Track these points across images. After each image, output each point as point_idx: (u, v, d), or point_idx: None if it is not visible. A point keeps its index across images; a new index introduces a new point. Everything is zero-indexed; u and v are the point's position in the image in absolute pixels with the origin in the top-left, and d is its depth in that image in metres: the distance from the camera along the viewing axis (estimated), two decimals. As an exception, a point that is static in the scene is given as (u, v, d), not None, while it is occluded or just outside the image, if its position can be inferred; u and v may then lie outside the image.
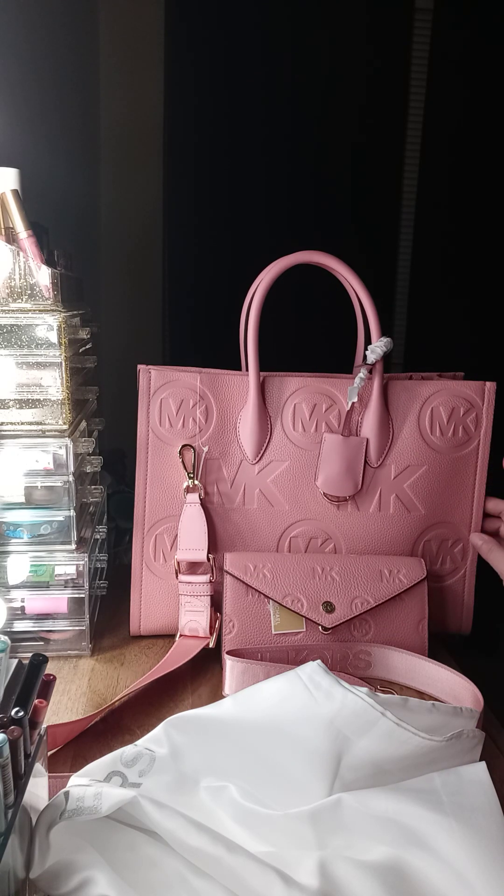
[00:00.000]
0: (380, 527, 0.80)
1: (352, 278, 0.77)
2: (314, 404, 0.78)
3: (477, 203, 2.19)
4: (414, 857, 0.47)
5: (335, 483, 0.78)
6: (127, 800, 0.47)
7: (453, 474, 0.80)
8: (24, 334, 0.72)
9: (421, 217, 2.23)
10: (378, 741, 0.53)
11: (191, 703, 0.70)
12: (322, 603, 0.73)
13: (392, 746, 0.53)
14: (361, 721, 0.53)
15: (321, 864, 0.46)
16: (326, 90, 2.09)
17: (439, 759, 0.55)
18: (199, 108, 2.00)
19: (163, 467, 0.78)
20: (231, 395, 0.78)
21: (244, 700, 0.56)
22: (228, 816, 0.51)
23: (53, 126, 1.50)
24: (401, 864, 0.47)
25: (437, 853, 0.47)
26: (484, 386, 0.80)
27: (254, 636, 0.73)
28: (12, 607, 0.75)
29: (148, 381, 0.77)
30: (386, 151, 2.19)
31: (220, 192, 2.05)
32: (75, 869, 0.45)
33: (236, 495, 0.79)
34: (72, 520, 0.76)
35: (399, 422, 0.79)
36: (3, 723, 0.42)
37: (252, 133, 2.05)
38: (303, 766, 0.53)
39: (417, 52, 2.13)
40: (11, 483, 0.74)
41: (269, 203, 2.06)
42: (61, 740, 0.62)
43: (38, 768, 0.46)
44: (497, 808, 0.51)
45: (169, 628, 0.80)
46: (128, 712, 0.68)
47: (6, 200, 0.74)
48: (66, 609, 0.76)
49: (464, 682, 0.69)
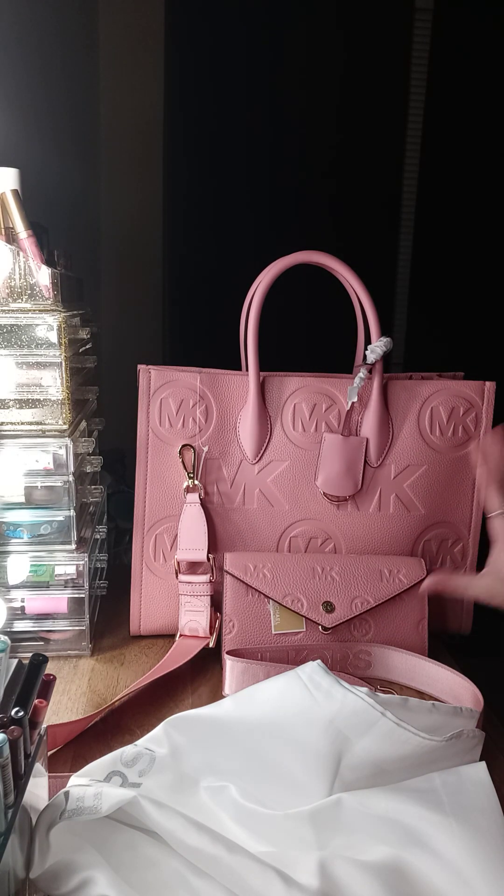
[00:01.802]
0: (380, 527, 0.80)
1: (352, 278, 0.77)
2: (314, 404, 0.78)
3: (477, 203, 2.19)
4: (414, 856, 0.47)
5: (335, 483, 0.78)
6: (127, 800, 0.47)
7: (453, 474, 0.80)
8: (24, 334, 0.72)
9: (421, 217, 2.23)
10: (378, 741, 0.53)
11: (191, 703, 0.70)
12: (322, 603, 0.73)
13: (392, 746, 0.53)
14: (361, 721, 0.53)
15: (321, 864, 0.46)
16: (326, 90, 2.09)
17: (439, 759, 0.55)
18: (200, 108, 2.00)
19: (163, 467, 0.78)
20: (231, 395, 0.78)
21: (244, 700, 0.56)
22: (228, 816, 0.51)
23: (53, 126, 1.50)
24: (401, 864, 0.47)
25: (437, 853, 0.47)
26: (484, 386, 0.80)
27: (254, 636, 0.73)
28: (12, 607, 0.75)
29: (148, 381, 0.77)
30: (386, 151, 2.19)
31: (220, 191, 2.05)
32: (75, 869, 0.45)
33: (236, 495, 0.79)
34: (72, 520, 0.76)
35: (399, 422, 0.79)
36: (3, 723, 0.42)
37: (252, 133, 2.04)
38: (303, 765, 0.53)
39: (417, 52, 2.13)
40: (11, 483, 0.74)
41: (269, 203, 2.06)
42: (61, 740, 0.62)
43: (38, 768, 0.46)
44: (497, 808, 0.51)
45: (169, 628, 0.80)
46: (128, 712, 0.68)
47: (6, 200, 0.74)
48: (66, 609, 0.76)
49: (464, 682, 0.69)
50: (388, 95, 2.15)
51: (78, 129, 1.79)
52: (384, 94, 2.14)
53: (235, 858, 0.45)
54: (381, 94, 2.13)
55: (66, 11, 1.65)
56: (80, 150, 1.82)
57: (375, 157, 2.17)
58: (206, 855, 0.45)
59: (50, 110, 1.48)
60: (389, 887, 0.45)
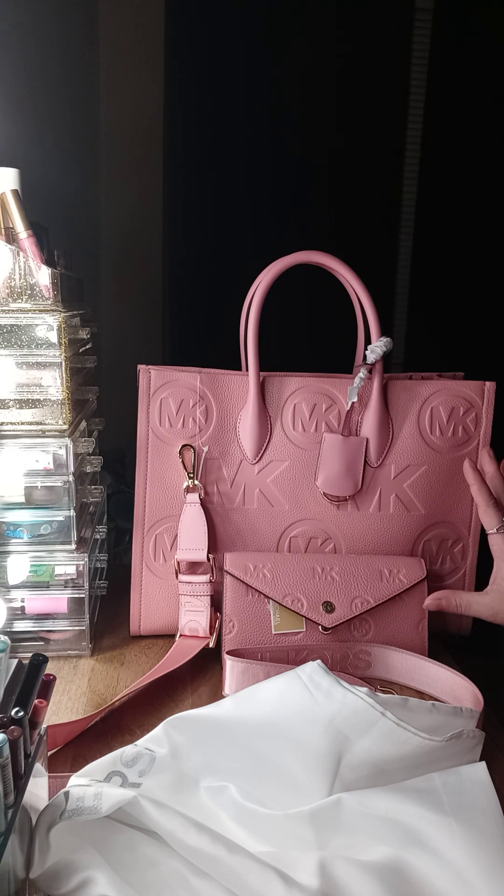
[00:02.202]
0: (380, 527, 0.80)
1: (352, 278, 0.77)
2: (314, 404, 0.78)
3: (477, 203, 2.19)
4: (414, 856, 0.47)
5: (335, 483, 0.78)
6: (127, 800, 0.47)
7: (453, 474, 0.80)
8: (24, 334, 0.72)
9: (421, 217, 2.23)
10: (378, 741, 0.53)
11: (191, 703, 0.70)
12: (322, 603, 0.73)
13: (392, 746, 0.53)
14: (361, 721, 0.53)
15: (321, 864, 0.46)
16: (326, 90, 2.09)
17: (439, 759, 0.55)
18: (199, 108, 2.00)
19: (163, 467, 0.78)
20: (231, 395, 0.78)
21: (244, 700, 0.56)
22: (228, 816, 0.51)
23: (53, 126, 1.50)
24: (401, 864, 0.47)
25: (437, 853, 0.47)
26: (484, 386, 0.80)
27: (254, 636, 0.73)
28: (12, 607, 0.75)
29: (148, 381, 0.77)
30: (386, 151, 2.19)
31: (220, 191, 2.05)
32: (75, 869, 0.45)
33: (236, 495, 0.79)
34: (72, 520, 0.76)
35: (399, 422, 0.79)
36: (3, 723, 0.42)
37: (252, 133, 2.05)
38: (303, 766, 0.53)
39: (417, 52, 2.13)
40: (11, 483, 0.74)
41: (269, 203, 2.06)
42: (61, 740, 0.62)
43: (38, 768, 0.46)
44: (497, 808, 0.51)
45: (169, 628, 0.80)
46: (128, 712, 0.68)
47: (6, 200, 0.74)
48: (66, 609, 0.76)
49: (464, 682, 0.69)
50: (388, 95, 2.15)
51: (78, 129, 1.79)
52: (384, 95, 2.14)
53: (235, 858, 0.45)
54: (381, 95, 2.13)
55: (66, 12, 1.65)
56: (80, 150, 1.82)
57: (375, 158, 2.17)
58: (206, 855, 0.45)
59: (50, 110, 1.48)
60: (390, 887, 0.45)
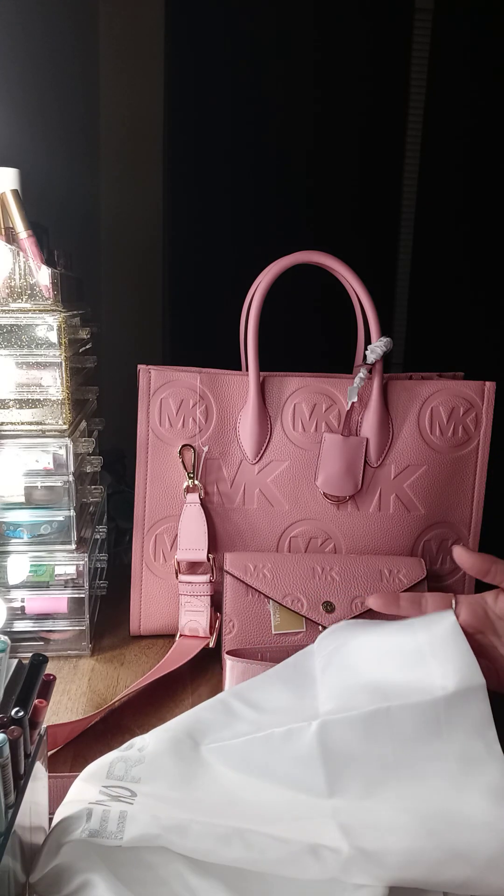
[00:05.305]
0: (380, 527, 0.80)
1: (352, 278, 0.77)
2: (314, 404, 0.78)
3: (477, 203, 2.19)
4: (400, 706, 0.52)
5: (335, 483, 0.78)
6: (150, 838, 0.45)
7: (453, 474, 0.80)
8: (24, 334, 0.72)
9: (421, 217, 2.23)
10: None
11: (191, 703, 0.70)
12: (322, 603, 0.73)
13: None
14: None
15: (343, 829, 0.47)
16: (327, 90, 2.09)
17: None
18: (200, 108, 2.00)
19: (163, 467, 0.78)
20: (231, 395, 0.78)
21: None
22: (230, 768, 0.52)
23: (53, 126, 1.50)
24: None
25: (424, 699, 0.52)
26: (484, 386, 0.80)
27: (254, 636, 0.73)
28: (12, 607, 0.75)
29: (148, 381, 0.77)
30: (386, 151, 2.19)
31: (220, 191, 2.05)
32: (74, 872, 0.45)
33: (236, 495, 0.78)
34: (72, 520, 0.76)
35: (399, 422, 0.79)
36: (3, 723, 0.42)
37: (252, 133, 2.05)
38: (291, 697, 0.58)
39: (417, 52, 2.13)
40: (11, 483, 0.74)
41: (269, 203, 2.06)
42: (61, 740, 0.62)
43: (38, 768, 0.46)
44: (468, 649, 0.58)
45: (169, 628, 0.80)
46: (128, 712, 0.68)
47: (6, 200, 0.74)
48: (66, 609, 0.76)
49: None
50: (388, 95, 2.15)
51: (78, 129, 1.79)
52: (384, 94, 2.14)
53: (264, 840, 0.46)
54: (381, 94, 2.13)
55: (66, 12, 1.65)
56: (80, 150, 1.82)
57: (375, 157, 2.17)
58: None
59: (50, 110, 1.48)
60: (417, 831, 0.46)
